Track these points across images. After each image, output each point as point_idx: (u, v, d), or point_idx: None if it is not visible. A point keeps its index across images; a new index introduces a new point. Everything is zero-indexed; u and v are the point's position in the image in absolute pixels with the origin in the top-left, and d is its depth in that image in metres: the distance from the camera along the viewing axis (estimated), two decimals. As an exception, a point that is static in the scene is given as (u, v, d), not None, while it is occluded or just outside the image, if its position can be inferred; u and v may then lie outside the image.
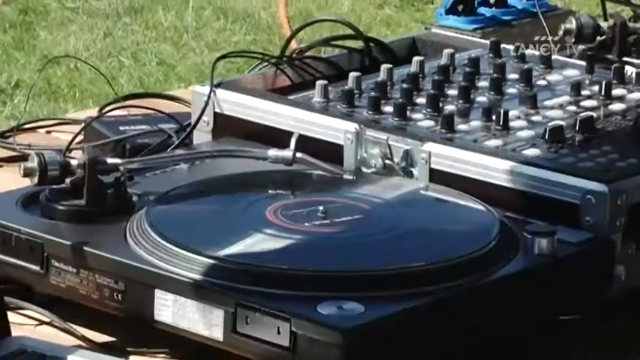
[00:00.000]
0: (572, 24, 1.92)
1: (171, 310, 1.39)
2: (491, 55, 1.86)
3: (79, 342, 1.45)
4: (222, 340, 1.36)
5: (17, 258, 1.49)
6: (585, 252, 1.48)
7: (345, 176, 1.64)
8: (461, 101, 1.72)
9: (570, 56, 1.88)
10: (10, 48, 4.24)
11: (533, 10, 2.05)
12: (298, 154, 1.61)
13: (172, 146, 1.74)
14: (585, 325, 1.48)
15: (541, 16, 2.02)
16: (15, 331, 1.44)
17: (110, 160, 1.57)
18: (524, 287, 1.45)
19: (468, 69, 1.80)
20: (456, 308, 1.40)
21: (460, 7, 2.04)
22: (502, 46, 1.87)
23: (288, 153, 1.61)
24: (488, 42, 1.90)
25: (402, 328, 1.35)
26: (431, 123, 1.66)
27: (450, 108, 1.69)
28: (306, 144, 1.64)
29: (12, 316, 1.45)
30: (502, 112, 1.66)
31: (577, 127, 1.64)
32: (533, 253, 1.44)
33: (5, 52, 4.24)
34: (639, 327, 1.52)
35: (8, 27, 4.40)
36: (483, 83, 1.77)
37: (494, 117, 1.66)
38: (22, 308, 1.49)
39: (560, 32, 1.94)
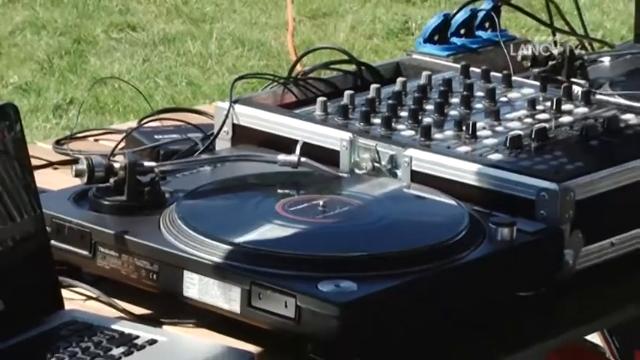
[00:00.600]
0: (528, 51, 1.92)
1: (197, 287, 1.40)
2: (461, 76, 1.85)
3: (120, 314, 1.45)
4: (239, 312, 1.36)
5: (69, 244, 1.49)
6: (540, 240, 1.47)
7: (341, 177, 1.63)
8: (436, 114, 1.72)
9: (527, 77, 1.88)
10: (65, 71, 4.23)
11: (497, 39, 2.05)
12: (302, 159, 1.61)
13: (198, 152, 1.74)
14: (540, 302, 1.47)
15: (503, 45, 2.02)
16: (67, 305, 1.43)
17: (147, 164, 1.57)
18: (489, 269, 1.44)
19: (442, 88, 1.80)
20: (433, 286, 1.39)
21: (436, 37, 2.04)
22: (470, 69, 1.86)
23: (293, 157, 1.61)
24: (459, 66, 1.89)
25: (388, 302, 1.35)
26: (412, 132, 1.66)
27: (427, 120, 1.69)
28: (309, 150, 1.64)
29: (65, 293, 1.45)
30: (471, 123, 1.65)
31: (533, 136, 1.63)
32: (497, 241, 1.44)
33: (62, 74, 4.23)
34: (586, 303, 1.52)
35: (64, 54, 4.39)
36: (455, 100, 1.77)
37: (464, 127, 1.65)
38: (73, 286, 1.49)
39: (519, 57, 1.93)
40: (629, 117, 1.73)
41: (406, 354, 1.37)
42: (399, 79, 1.82)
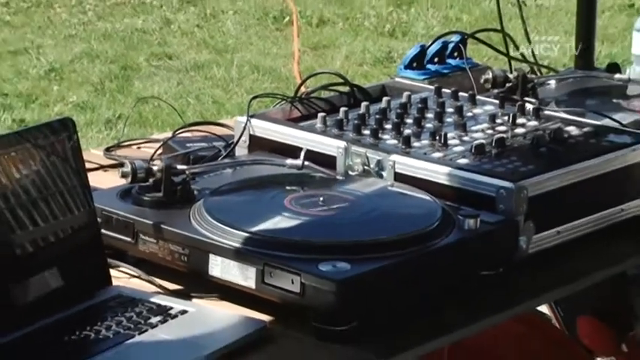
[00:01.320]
0: (489, 75, 1.91)
1: (220, 267, 1.39)
2: (435, 96, 1.84)
3: (157, 290, 1.44)
4: (254, 288, 1.35)
5: (116, 232, 1.49)
6: (499, 229, 1.47)
7: (337, 177, 1.62)
8: (415, 127, 1.71)
9: (488, 97, 1.87)
10: (114, 92, 4.23)
11: (463, 66, 2.04)
12: (306, 163, 1.60)
13: (221, 157, 1.73)
14: (499, 279, 1.47)
15: (468, 71, 2.02)
16: (114, 282, 1.44)
17: (179, 167, 1.57)
18: (458, 252, 1.44)
19: (419, 105, 1.79)
20: (413, 266, 1.39)
21: (414, 64, 2.04)
22: (442, 90, 1.85)
23: (298, 162, 1.60)
24: (433, 87, 1.88)
25: (376, 279, 1.35)
26: (395, 141, 1.65)
27: (407, 131, 1.68)
28: (311, 156, 1.62)
29: (112, 272, 1.45)
30: (443, 134, 1.65)
31: (493, 144, 1.62)
32: (464, 229, 1.43)
33: (111, 95, 4.24)
34: (537, 280, 1.51)
35: (113, 78, 4.39)
36: (430, 115, 1.76)
37: (437, 137, 1.64)
38: (119, 266, 1.49)
39: (482, 81, 1.93)
40: (571, 128, 1.72)
41: (391, 321, 1.36)
42: (385, 98, 1.82)
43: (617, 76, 2.10)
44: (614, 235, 1.61)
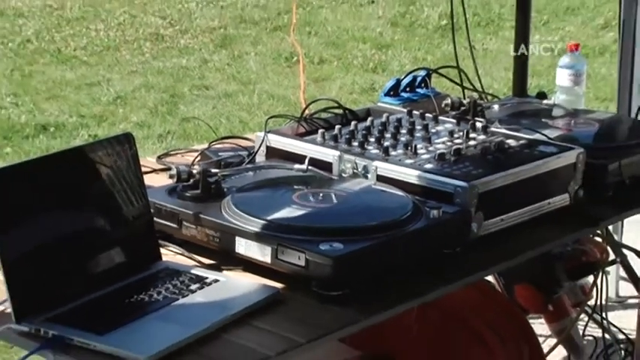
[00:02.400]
0: (448, 101, 1.90)
1: (244, 247, 1.38)
2: (407, 117, 1.83)
3: (196, 264, 1.44)
4: (270, 262, 1.35)
5: (165, 220, 1.48)
6: (456, 217, 1.46)
7: (333, 178, 1.61)
8: (392, 140, 1.70)
9: (448, 117, 1.86)
10: (165, 114, 4.23)
11: (429, 94, 2.03)
12: (309, 167, 1.60)
13: (244, 163, 1.72)
14: (457, 256, 1.46)
15: (432, 98, 2.01)
16: (163, 258, 1.43)
17: (213, 170, 1.56)
18: (425, 235, 1.43)
19: (395, 124, 1.78)
20: (391, 246, 1.39)
21: (391, 93, 2.03)
22: (413, 112, 1.84)
23: (303, 166, 1.60)
24: (405, 110, 1.87)
25: (363, 256, 1.34)
26: (377, 151, 1.64)
27: (386, 143, 1.66)
28: (313, 162, 1.62)
29: (162, 251, 1.44)
30: (413, 145, 1.63)
31: (452, 153, 1.61)
32: (430, 218, 1.42)
33: (163, 116, 4.23)
34: (486, 257, 1.50)
35: (165, 103, 4.38)
36: (403, 131, 1.75)
37: (409, 148, 1.63)
38: (167, 246, 1.47)
39: (443, 105, 1.92)
40: (511, 141, 1.71)
41: (375, 288, 1.35)
42: (369, 118, 1.81)
43: (545, 101, 2.11)
44: (542, 222, 1.60)
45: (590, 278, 2.20)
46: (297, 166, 1.63)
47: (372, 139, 1.69)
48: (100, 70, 4.75)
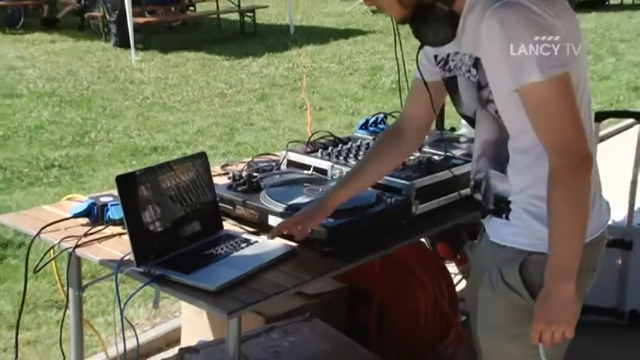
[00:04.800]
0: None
1: (273, 221, 1.36)
2: (373, 142, 1.79)
3: (244, 231, 1.40)
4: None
5: (225, 204, 1.45)
6: (403, 203, 1.43)
7: (327, 179, 1.58)
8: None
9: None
10: (227, 140, 4.15)
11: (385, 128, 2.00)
12: (313, 172, 1.58)
13: (273, 170, 1.69)
14: (402, 226, 1.43)
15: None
16: (224, 227, 1.40)
17: (254, 174, 1.54)
18: (385, 214, 1.40)
19: (365, 146, 1.74)
20: (363, 220, 1.36)
21: (363, 127, 2.00)
22: (376, 139, 1.80)
23: (309, 172, 1.59)
24: (372, 137, 1.84)
25: (345, 227, 1.31)
26: (354, 163, 1.59)
27: (360, 158, 1.63)
28: (316, 169, 1.60)
29: (224, 224, 1.41)
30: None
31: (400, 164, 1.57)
32: (387, 203, 1.40)
33: (225, 142, 4.13)
34: (420, 225, 1.47)
35: (226, 134, 4.30)
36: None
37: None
38: (226, 220, 1.43)
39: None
40: (435, 157, 1.67)
41: (353, 245, 1.32)
42: (350, 142, 1.78)
43: (455, 132, 2.07)
44: (454, 205, 1.56)
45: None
46: (305, 171, 1.61)
47: (352, 155, 1.66)
48: (188, 114, 4.72)
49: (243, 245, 1.31)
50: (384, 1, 0.99)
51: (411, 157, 1.67)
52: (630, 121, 3.64)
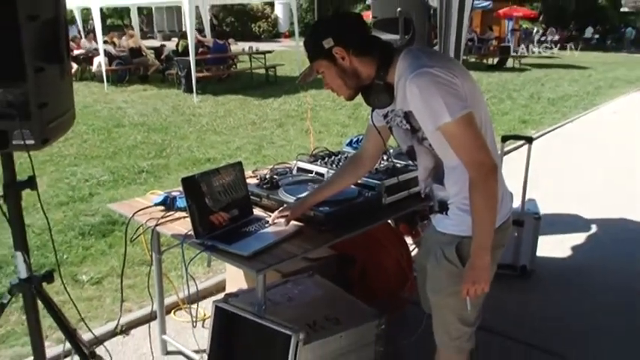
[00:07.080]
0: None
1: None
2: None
3: (267, 216, 1.35)
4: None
5: (255, 197, 1.40)
6: (376, 196, 1.40)
7: (325, 180, 1.54)
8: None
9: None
10: (256, 154, 4.00)
11: (356, 146, 1.93)
12: (315, 175, 1.54)
13: (287, 174, 1.65)
14: (377, 211, 1.39)
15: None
16: (254, 213, 1.36)
17: (275, 176, 1.50)
18: (363, 204, 1.36)
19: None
20: (350, 208, 1.32)
21: (348, 144, 1.96)
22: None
23: (312, 175, 1.54)
24: (354, 151, 1.79)
25: (337, 213, 1.28)
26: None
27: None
28: (317, 173, 1.56)
29: (254, 210, 1.37)
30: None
31: (374, 169, 1.54)
32: (366, 197, 1.37)
33: (255, 155, 4.06)
34: (388, 210, 1.42)
35: (255, 150, 4.22)
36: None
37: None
38: (255, 208, 1.40)
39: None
40: (398, 165, 1.61)
41: (342, 225, 1.29)
42: (339, 155, 1.75)
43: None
44: (411, 198, 1.51)
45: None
46: (309, 174, 1.58)
47: (340, 164, 1.63)
48: (230, 136, 4.69)
49: (266, 225, 1.29)
50: (334, 85, 1.02)
51: (381, 165, 1.64)
52: (522, 142, 3.75)
